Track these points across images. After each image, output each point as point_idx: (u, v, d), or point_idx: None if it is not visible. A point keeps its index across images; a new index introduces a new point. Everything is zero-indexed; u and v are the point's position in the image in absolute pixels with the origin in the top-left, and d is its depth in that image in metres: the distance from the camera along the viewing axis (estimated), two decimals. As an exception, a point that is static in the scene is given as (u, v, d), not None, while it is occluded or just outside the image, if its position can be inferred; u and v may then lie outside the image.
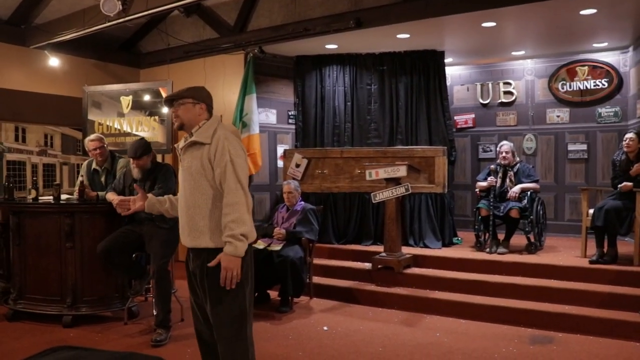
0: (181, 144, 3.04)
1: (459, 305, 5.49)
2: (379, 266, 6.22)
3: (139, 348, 4.49)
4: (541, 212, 6.69)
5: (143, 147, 5.03)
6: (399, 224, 6.25)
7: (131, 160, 5.04)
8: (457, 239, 7.29)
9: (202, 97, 3.04)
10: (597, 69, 7.84)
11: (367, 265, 6.41)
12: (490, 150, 8.48)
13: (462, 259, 6.27)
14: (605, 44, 7.49)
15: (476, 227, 6.69)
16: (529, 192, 6.47)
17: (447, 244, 7.12)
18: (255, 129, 7.36)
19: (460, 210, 8.67)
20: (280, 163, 7.98)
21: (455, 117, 8.60)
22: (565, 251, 6.53)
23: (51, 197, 5.37)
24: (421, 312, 5.59)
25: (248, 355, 2.91)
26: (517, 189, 6.47)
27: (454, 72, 8.75)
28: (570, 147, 8.05)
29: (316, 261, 6.39)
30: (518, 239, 6.68)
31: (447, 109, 7.71)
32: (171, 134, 7.51)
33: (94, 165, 5.77)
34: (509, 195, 6.48)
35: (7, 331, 4.99)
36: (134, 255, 5.14)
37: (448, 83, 8.16)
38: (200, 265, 2.90)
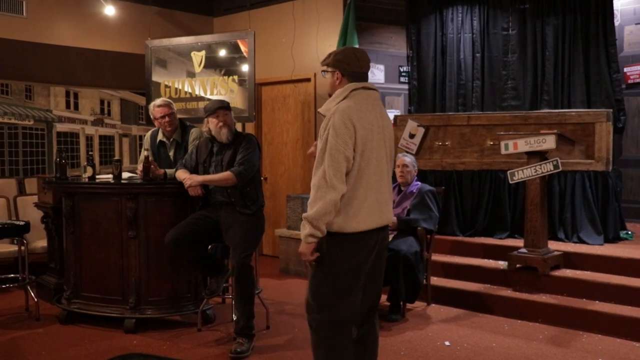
0: None
1: (630, 322, 5.30)
2: (518, 265, 6.15)
3: (216, 360, 4.69)
4: None
5: (226, 102, 5.26)
6: (544, 211, 6.14)
7: (214, 119, 5.11)
8: (627, 233, 7.06)
9: (334, 62, 3.25)
10: None
11: (502, 264, 6.35)
12: (676, 114, 8.09)
13: (634, 260, 6.03)
14: None
15: (654, 216, 6.45)
16: None
17: (612, 239, 6.90)
18: (358, 90, 7.40)
19: (631, 194, 8.33)
20: (389, 133, 7.99)
21: (626, 69, 8.23)
22: None
23: (110, 176, 5.64)
24: (575, 328, 5.48)
25: None
26: None
27: (626, 6, 8.32)
28: None
29: (435, 257, 6.40)
30: None
31: (614, 58, 7.41)
32: (254, 98, 7.68)
33: (160, 137, 6.02)
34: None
35: (60, 336, 5.35)
36: (209, 246, 5.33)
37: (616, 22, 7.81)
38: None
